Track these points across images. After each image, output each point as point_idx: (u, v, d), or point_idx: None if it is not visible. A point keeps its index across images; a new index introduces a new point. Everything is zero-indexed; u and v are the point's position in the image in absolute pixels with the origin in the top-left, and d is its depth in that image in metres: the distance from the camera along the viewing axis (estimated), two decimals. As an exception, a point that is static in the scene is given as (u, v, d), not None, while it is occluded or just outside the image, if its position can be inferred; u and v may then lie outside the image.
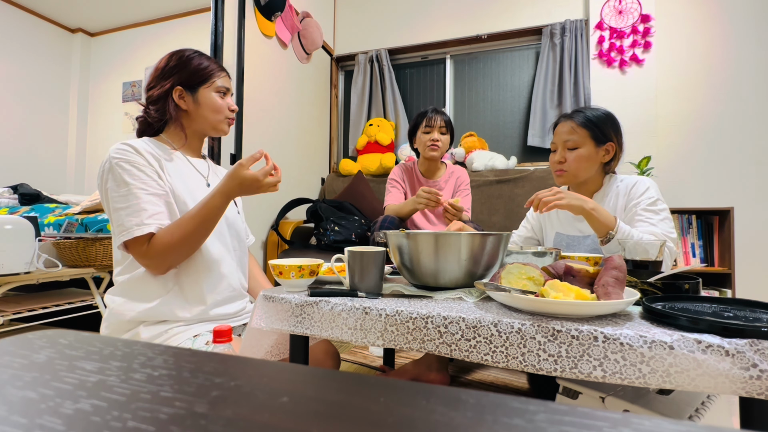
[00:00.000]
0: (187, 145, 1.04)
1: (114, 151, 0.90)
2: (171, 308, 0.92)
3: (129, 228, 0.84)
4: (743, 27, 2.31)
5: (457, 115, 3.00)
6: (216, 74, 1.01)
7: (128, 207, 0.86)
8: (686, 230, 2.21)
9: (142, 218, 0.85)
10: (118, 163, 0.88)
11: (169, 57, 1.01)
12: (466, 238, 0.77)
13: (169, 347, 0.26)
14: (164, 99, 0.98)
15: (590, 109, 1.19)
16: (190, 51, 1.03)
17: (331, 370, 0.23)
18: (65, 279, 1.68)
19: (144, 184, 0.88)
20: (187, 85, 0.99)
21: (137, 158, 0.90)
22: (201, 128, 1.03)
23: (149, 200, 0.87)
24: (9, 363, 0.23)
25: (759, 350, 0.49)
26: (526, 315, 0.63)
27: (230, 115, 1.04)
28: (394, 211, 1.70)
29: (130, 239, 0.85)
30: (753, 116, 2.29)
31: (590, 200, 1.02)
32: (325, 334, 0.74)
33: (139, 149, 0.91)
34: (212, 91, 1.00)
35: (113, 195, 0.87)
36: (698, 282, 0.73)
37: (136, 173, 0.88)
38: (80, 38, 4.01)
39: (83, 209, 2.13)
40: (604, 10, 2.48)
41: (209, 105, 1.00)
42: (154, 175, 0.91)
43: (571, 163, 1.17)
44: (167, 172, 0.94)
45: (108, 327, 0.93)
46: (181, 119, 1.01)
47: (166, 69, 0.99)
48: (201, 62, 1.01)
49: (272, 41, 2.45)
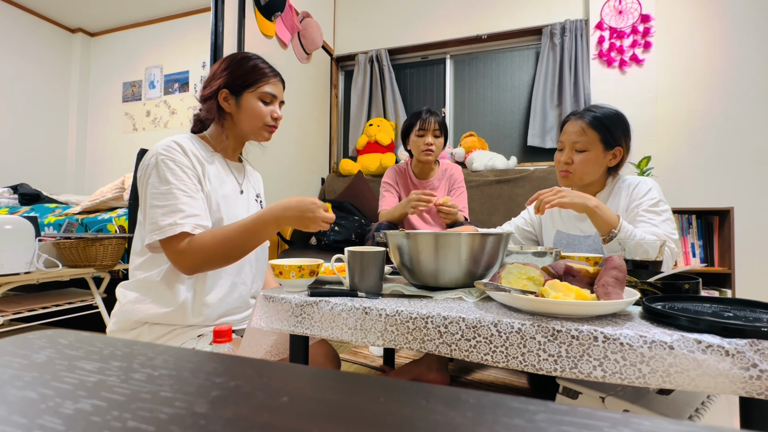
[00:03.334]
0: (228, 147, 1.04)
1: (162, 147, 0.90)
2: (180, 316, 0.92)
3: (163, 227, 0.84)
4: (743, 27, 2.31)
5: (457, 115, 3.00)
6: (264, 80, 1.00)
7: (165, 206, 0.86)
8: (686, 230, 2.21)
9: (176, 219, 0.85)
10: (164, 160, 0.88)
11: (225, 58, 1.02)
12: (466, 238, 0.77)
13: (169, 347, 0.26)
14: (211, 99, 0.99)
15: (602, 109, 1.16)
16: (246, 55, 1.02)
17: (331, 370, 0.23)
18: (65, 279, 1.68)
19: (185, 185, 0.88)
20: (233, 88, 0.98)
21: (183, 159, 0.90)
22: (241, 132, 1.02)
23: (187, 202, 0.87)
24: (9, 363, 0.23)
25: (759, 350, 0.49)
26: (526, 315, 0.63)
27: (271, 123, 1.02)
28: (387, 217, 1.70)
29: (163, 238, 0.85)
30: (753, 116, 2.29)
31: (593, 198, 1.02)
32: (325, 334, 0.74)
33: (185, 149, 0.92)
34: (256, 97, 0.99)
35: (153, 191, 0.87)
36: (698, 282, 0.73)
37: (179, 173, 0.88)
38: (80, 38, 4.01)
39: (83, 209, 2.13)
40: (604, 10, 2.48)
41: (250, 110, 0.99)
42: (194, 179, 0.91)
43: (577, 165, 1.16)
44: (207, 176, 0.95)
45: (116, 323, 0.93)
46: (223, 121, 1.01)
47: (218, 70, 1.00)
48: (252, 66, 1.00)
49: (272, 41, 2.45)
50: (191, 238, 0.86)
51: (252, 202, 1.09)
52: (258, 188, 1.16)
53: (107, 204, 2.12)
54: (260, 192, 1.17)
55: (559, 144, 1.22)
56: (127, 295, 0.93)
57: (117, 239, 1.79)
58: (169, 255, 0.87)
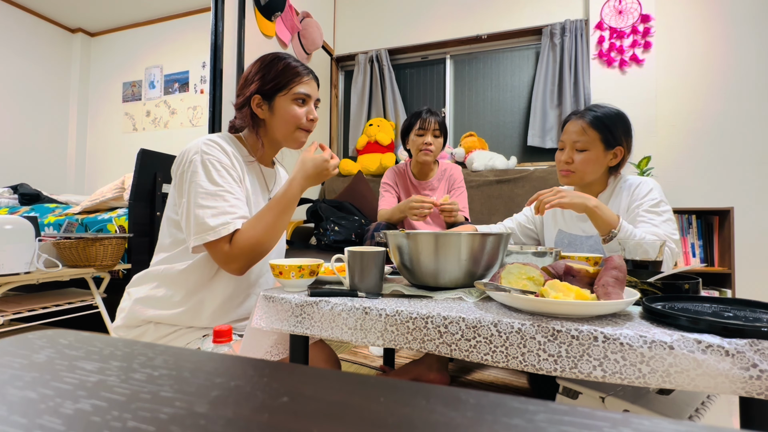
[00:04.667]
0: (264, 155, 1.03)
1: (203, 145, 0.88)
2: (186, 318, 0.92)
3: (215, 227, 0.83)
4: (743, 27, 2.31)
5: (457, 115, 3.00)
6: (295, 80, 0.95)
7: (215, 207, 0.85)
8: (686, 230, 2.21)
9: (227, 219, 0.85)
10: (210, 159, 0.87)
11: (257, 61, 0.98)
12: (466, 238, 0.77)
13: (169, 347, 0.26)
14: (245, 107, 0.97)
15: (603, 108, 1.16)
16: (276, 55, 0.98)
17: (331, 370, 0.23)
18: (65, 279, 1.68)
19: (232, 188, 0.88)
20: (265, 93, 0.95)
21: (226, 159, 0.90)
22: (275, 138, 1.00)
23: (236, 204, 0.87)
24: (9, 363, 0.23)
25: (759, 350, 0.49)
26: (526, 315, 0.63)
27: (305, 126, 0.98)
28: (386, 217, 1.70)
29: (214, 240, 0.84)
30: (753, 116, 2.29)
31: (593, 198, 1.02)
32: (325, 334, 0.74)
33: (227, 150, 0.91)
34: (289, 99, 0.95)
35: (200, 191, 0.85)
36: (698, 282, 0.73)
37: (225, 175, 0.88)
38: (80, 38, 4.01)
39: (83, 209, 2.13)
40: (604, 10, 2.48)
41: (283, 114, 0.95)
42: (238, 181, 0.91)
43: (578, 164, 1.16)
44: (245, 180, 0.95)
45: (123, 318, 0.93)
46: (258, 129, 0.99)
47: (249, 75, 0.97)
48: (283, 67, 0.95)
49: (272, 41, 2.45)
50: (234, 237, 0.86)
51: None
52: None
53: (107, 204, 2.12)
54: None
55: (560, 144, 1.22)
56: (140, 290, 0.92)
57: (117, 239, 1.79)
58: (218, 256, 0.86)
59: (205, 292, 0.92)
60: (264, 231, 0.87)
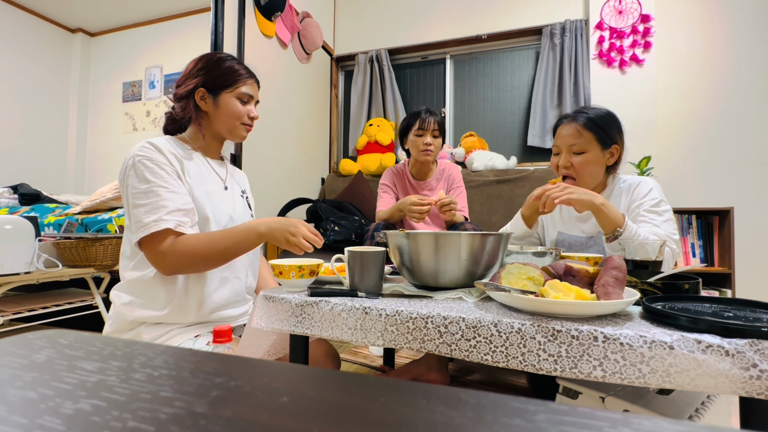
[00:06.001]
0: (206, 146, 1.06)
1: (138, 149, 0.91)
2: (175, 314, 0.92)
3: (147, 224, 0.85)
4: (743, 27, 2.31)
5: (457, 115, 3.00)
6: (241, 81, 1.02)
7: (148, 204, 0.86)
8: (686, 230, 2.21)
9: (161, 215, 0.86)
10: (141, 160, 0.89)
11: (200, 58, 1.03)
12: (466, 238, 0.77)
13: (169, 347, 0.26)
14: (187, 98, 1.00)
15: (593, 109, 1.16)
16: (222, 55, 1.04)
17: (331, 370, 0.23)
18: (65, 279, 1.68)
19: (164, 182, 0.89)
20: (210, 87, 1.00)
21: (159, 157, 0.91)
22: (218, 131, 1.04)
23: (169, 197, 0.88)
24: (9, 363, 0.23)
25: (759, 350, 0.49)
26: (526, 315, 0.63)
27: (248, 122, 1.05)
28: (384, 218, 1.69)
29: (147, 235, 0.85)
30: (753, 116, 2.29)
31: (599, 196, 1.01)
32: (325, 334, 0.74)
33: (161, 148, 0.93)
34: (234, 97, 1.01)
35: (134, 192, 0.88)
36: (698, 282, 0.73)
37: (157, 171, 0.89)
38: (80, 38, 4.01)
39: (83, 209, 2.13)
40: (604, 10, 2.48)
41: (228, 110, 1.01)
42: (174, 175, 0.92)
43: (578, 168, 1.14)
44: (187, 172, 0.95)
45: (112, 325, 0.93)
46: (200, 120, 1.03)
47: (194, 69, 1.01)
48: (229, 67, 1.01)
49: (272, 41, 2.45)
50: (176, 239, 0.86)
51: (237, 198, 1.09)
52: (243, 185, 1.17)
53: (107, 204, 2.12)
54: (246, 189, 1.18)
55: (555, 148, 1.20)
56: (122, 297, 0.93)
57: (117, 239, 1.79)
58: (149, 254, 0.87)
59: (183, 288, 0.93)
60: (204, 252, 0.87)
